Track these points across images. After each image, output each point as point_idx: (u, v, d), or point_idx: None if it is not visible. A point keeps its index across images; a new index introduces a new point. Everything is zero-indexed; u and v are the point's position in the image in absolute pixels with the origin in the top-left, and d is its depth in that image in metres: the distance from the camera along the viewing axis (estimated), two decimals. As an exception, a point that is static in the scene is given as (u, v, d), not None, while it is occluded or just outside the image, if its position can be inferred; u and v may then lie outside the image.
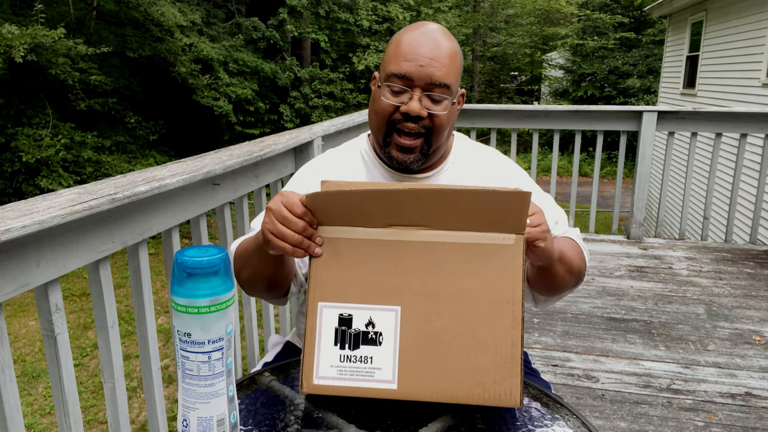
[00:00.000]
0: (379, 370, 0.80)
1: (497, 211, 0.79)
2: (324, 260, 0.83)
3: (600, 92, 17.11)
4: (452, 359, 0.79)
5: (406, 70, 1.00)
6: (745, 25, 7.57)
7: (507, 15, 19.65)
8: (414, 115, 1.01)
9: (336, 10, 13.21)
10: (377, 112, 1.05)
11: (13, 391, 1.02)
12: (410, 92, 1.01)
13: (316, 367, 0.81)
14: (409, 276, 0.81)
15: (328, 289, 0.82)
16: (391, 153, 1.06)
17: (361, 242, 0.82)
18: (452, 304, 0.80)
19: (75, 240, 1.13)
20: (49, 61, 8.47)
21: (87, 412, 4.67)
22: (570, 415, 0.85)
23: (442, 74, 1.01)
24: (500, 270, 0.80)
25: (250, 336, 1.98)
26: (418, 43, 1.02)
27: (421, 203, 0.80)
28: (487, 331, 0.79)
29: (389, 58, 1.04)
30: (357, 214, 0.82)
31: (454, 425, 0.81)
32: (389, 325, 0.80)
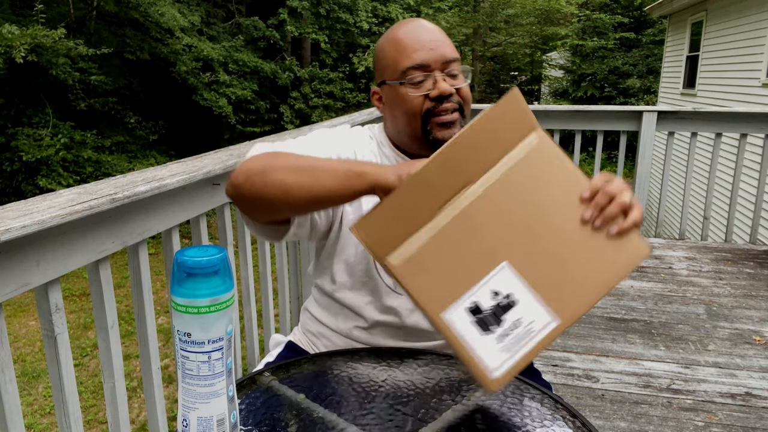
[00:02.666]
0: (534, 322, 0.77)
1: (505, 124, 0.79)
2: (415, 278, 0.78)
3: (600, 92, 17.11)
4: (577, 262, 0.79)
5: (422, 58, 1.03)
6: (745, 25, 7.57)
7: (507, 15, 19.64)
8: (447, 95, 1.03)
9: (336, 10, 13.21)
10: (408, 110, 1.04)
11: (13, 391, 1.02)
12: (432, 76, 1.03)
13: (484, 366, 0.77)
14: (490, 232, 0.79)
15: (437, 299, 0.78)
16: (435, 137, 1.05)
17: (432, 241, 0.79)
18: (540, 224, 0.79)
19: (75, 240, 1.13)
20: (49, 62, 8.47)
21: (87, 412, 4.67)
22: (570, 415, 0.85)
23: (451, 50, 1.05)
24: (550, 171, 0.80)
25: (250, 336, 1.98)
26: (416, 33, 1.05)
27: (448, 166, 0.79)
28: (579, 223, 0.79)
29: (395, 59, 1.05)
30: (408, 222, 0.79)
31: (454, 425, 0.81)
32: (510, 281, 0.78)
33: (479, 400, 0.88)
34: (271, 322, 2.06)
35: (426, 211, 0.79)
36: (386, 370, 0.97)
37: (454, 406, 0.86)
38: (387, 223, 0.79)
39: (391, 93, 1.07)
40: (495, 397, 0.89)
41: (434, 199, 0.79)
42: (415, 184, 0.79)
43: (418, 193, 0.79)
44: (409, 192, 0.79)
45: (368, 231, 0.79)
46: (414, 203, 0.79)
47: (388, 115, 1.12)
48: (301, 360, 1.03)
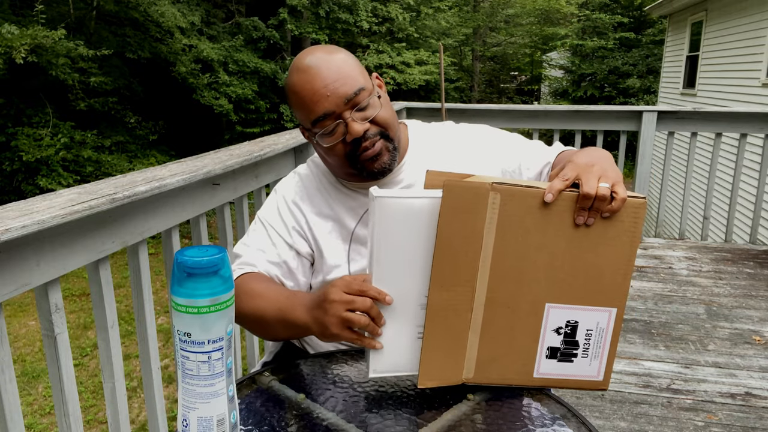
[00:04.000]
0: (599, 323, 0.85)
1: (461, 211, 0.80)
2: (492, 374, 0.86)
3: (600, 92, 17.10)
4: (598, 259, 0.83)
5: (322, 109, 1.00)
6: (745, 25, 7.57)
7: (507, 15, 19.65)
8: (361, 135, 1.01)
9: (336, 10, 13.21)
10: (331, 156, 1.05)
11: (13, 391, 1.02)
12: (342, 121, 1.01)
13: (590, 379, 0.87)
14: (520, 295, 0.84)
15: (522, 372, 0.86)
16: (369, 170, 1.05)
17: (483, 340, 0.85)
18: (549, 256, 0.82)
19: (75, 240, 1.13)
20: (49, 62, 8.47)
21: (87, 412, 4.67)
22: (570, 415, 0.85)
23: (349, 85, 1.00)
24: (525, 211, 0.82)
25: (250, 336, 1.98)
26: (309, 81, 1.00)
27: (447, 283, 0.82)
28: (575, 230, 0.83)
29: (300, 111, 1.03)
30: (453, 345, 0.84)
31: (454, 425, 0.81)
32: (560, 314, 0.84)
33: (479, 400, 0.88)
34: (271, 322, 2.06)
35: (458, 327, 0.83)
36: (386, 370, 0.96)
37: (454, 406, 0.86)
38: (440, 361, 0.84)
39: (312, 140, 1.07)
40: (495, 398, 0.89)
41: (458, 314, 0.82)
42: (434, 315, 0.82)
43: (442, 319, 0.82)
44: (436, 325, 0.82)
45: (432, 378, 0.84)
46: (446, 329, 0.82)
47: (318, 155, 1.12)
48: (301, 360, 1.03)
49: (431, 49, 15.12)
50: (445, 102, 3.83)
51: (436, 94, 14.88)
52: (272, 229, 1.11)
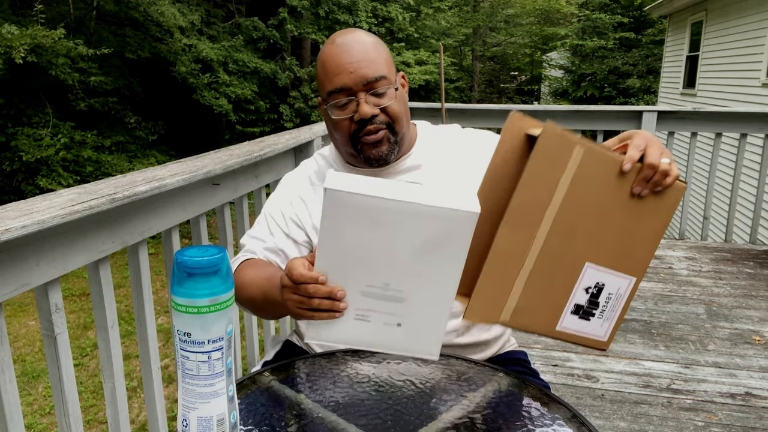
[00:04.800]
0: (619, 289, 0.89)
1: (550, 156, 0.84)
2: (524, 320, 0.87)
3: (600, 92, 17.11)
4: (636, 229, 0.87)
5: (341, 82, 1.04)
6: (745, 25, 7.57)
7: (507, 15, 19.65)
8: (368, 117, 1.04)
9: (336, 11, 13.21)
10: (338, 131, 1.09)
11: (13, 391, 1.02)
12: (355, 99, 1.05)
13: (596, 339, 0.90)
14: (568, 252, 0.86)
15: (547, 322, 0.89)
16: (367, 156, 1.09)
17: (526, 288, 0.86)
18: (601, 218, 0.86)
19: (75, 240, 1.13)
20: (49, 62, 8.47)
21: (87, 412, 4.67)
22: (570, 415, 0.85)
23: (374, 68, 1.04)
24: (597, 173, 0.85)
25: (250, 336, 1.98)
26: (338, 54, 1.05)
27: (516, 225, 0.83)
28: (628, 197, 0.87)
29: (321, 81, 1.08)
30: (503, 286, 0.86)
31: (454, 425, 0.81)
32: (594, 275, 0.87)
33: (479, 400, 0.88)
34: (271, 322, 2.06)
35: (512, 270, 0.85)
36: (386, 370, 0.97)
37: (453, 407, 0.86)
38: (487, 301, 0.85)
39: (324, 112, 1.11)
40: (495, 397, 0.89)
41: (514, 259, 0.84)
42: (496, 255, 0.83)
43: (500, 261, 0.83)
44: (494, 266, 0.83)
45: (476, 315, 0.85)
46: (501, 271, 0.84)
47: (327, 129, 1.15)
48: (301, 360, 1.03)
49: (431, 49, 15.13)
50: (445, 102, 3.83)
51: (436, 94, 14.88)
52: (272, 219, 1.16)
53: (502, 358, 1.18)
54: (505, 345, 1.22)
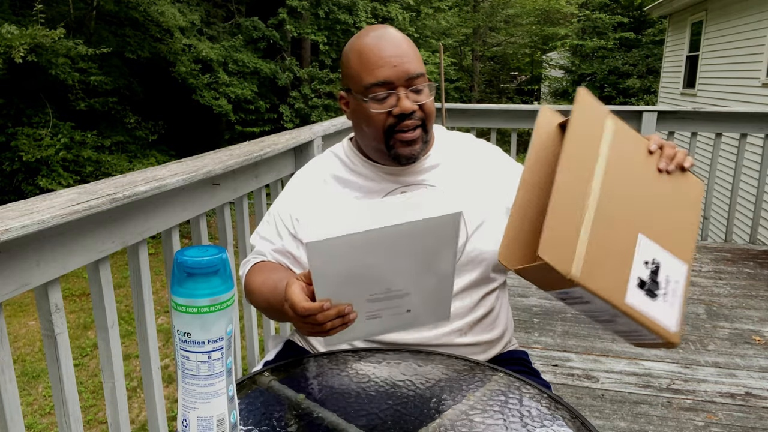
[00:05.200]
0: (675, 272, 0.88)
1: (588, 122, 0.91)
2: (595, 280, 0.85)
3: (600, 92, 17.10)
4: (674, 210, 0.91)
5: (384, 75, 1.03)
6: (745, 25, 7.57)
7: (507, 15, 19.65)
8: (409, 113, 1.04)
9: (335, 11, 13.21)
10: (371, 124, 1.07)
11: (13, 391, 1.02)
12: (395, 93, 1.04)
13: (666, 327, 0.87)
14: (620, 216, 0.88)
15: (615, 288, 0.86)
16: (398, 153, 1.08)
17: (590, 244, 0.86)
18: (643, 192, 0.91)
19: (75, 240, 1.13)
20: (48, 62, 8.47)
21: (87, 412, 4.67)
22: (570, 415, 0.85)
23: (415, 66, 1.05)
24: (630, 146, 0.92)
25: (250, 336, 1.98)
26: (380, 47, 1.04)
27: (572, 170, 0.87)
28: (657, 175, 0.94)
29: (359, 72, 1.06)
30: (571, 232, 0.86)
31: (454, 425, 0.81)
32: (649, 248, 0.87)
33: (479, 400, 0.88)
34: (271, 322, 2.06)
35: (577, 215, 0.86)
36: (386, 370, 0.97)
37: (454, 406, 0.86)
38: (557, 241, 0.84)
39: (356, 104, 1.09)
40: (495, 397, 0.89)
41: (576, 204, 0.86)
42: (559, 194, 0.84)
43: (563, 201, 0.85)
44: (558, 204, 0.84)
45: (549, 253, 0.83)
46: (566, 212, 0.85)
47: (354, 123, 1.14)
48: (301, 360, 1.03)
49: (431, 49, 15.12)
50: (445, 102, 3.83)
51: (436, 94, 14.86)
52: (280, 220, 1.16)
53: (502, 358, 1.18)
54: (506, 346, 1.22)
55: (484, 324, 1.13)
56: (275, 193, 2.14)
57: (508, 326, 1.21)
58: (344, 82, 1.11)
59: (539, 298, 2.91)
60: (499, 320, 1.17)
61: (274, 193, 2.14)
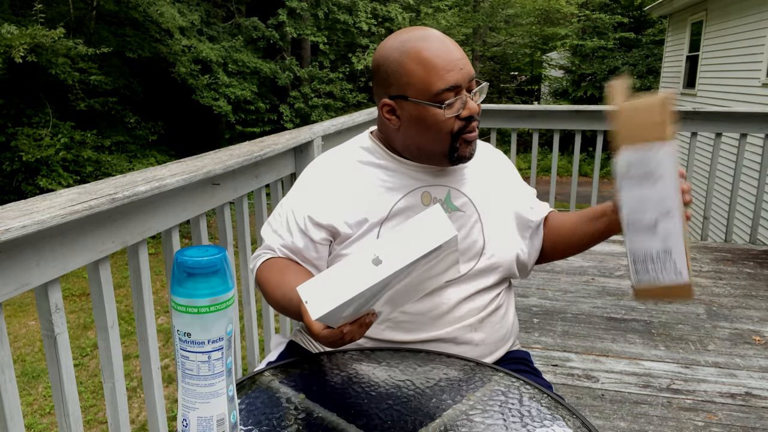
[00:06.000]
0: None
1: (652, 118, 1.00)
2: None
3: (600, 92, 17.11)
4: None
5: (454, 79, 1.02)
6: (745, 25, 7.57)
7: (507, 15, 19.63)
8: (477, 115, 1.07)
9: (335, 11, 13.20)
10: (439, 130, 1.05)
11: (13, 391, 1.02)
12: (461, 97, 1.04)
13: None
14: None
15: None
16: (461, 154, 1.09)
17: None
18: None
19: (75, 240, 1.13)
20: (48, 62, 8.47)
21: (87, 412, 4.67)
22: (570, 415, 0.85)
23: (470, 67, 1.06)
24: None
25: (250, 336, 1.98)
26: (444, 51, 1.03)
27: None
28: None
29: (426, 78, 1.03)
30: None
31: (454, 425, 0.81)
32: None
33: (479, 400, 0.88)
34: (271, 322, 2.06)
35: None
36: (386, 370, 0.97)
37: (454, 406, 0.86)
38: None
39: (416, 111, 1.05)
40: (495, 397, 0.89)
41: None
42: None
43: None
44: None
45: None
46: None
47: (403, 130, 1.09)
48: (302, 360, 1.03)
49: (431, 49, 15.08)
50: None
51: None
52: (291, 215, 1.14)
53: (505, 358, 1.19)
54: (512, 346, 1.22)
55: (494, 321, 1.14)
56: (275, 193, 2.14)
57: (514, 325, 1.22)
58: (394, 89, 1.06)
59: (539, 298, 2.91)
60: (506, 319, 1.18)
61: (274, 193, 2.14)
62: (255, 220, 2.01)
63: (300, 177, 1.22)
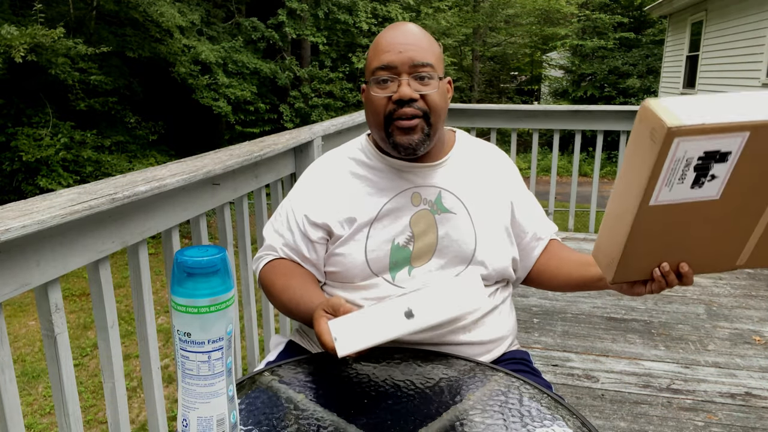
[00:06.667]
0: None
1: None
2: None
3: (600, 92, 17.10)
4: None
5: (388, 59, 1.06)
6: (745, 25, 7.58)
7: (507, 15, 19.63)
8: (407, 99, 1.05)
9: (335, 11, 13.20)
10: (373, 110, 1.09)
11: (13, 391, 1.02)
12: (398, 79, 1.06)
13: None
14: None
15: None
16: (395, 141, 1.08)
17: None
18: None
19: (75, 240, 1.13)
20: (48, 61, 8.47)
21: (87, 412, 4.67)
22: (570, 415, 0.85)
23: (422, 55, 1.06)
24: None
25: (250, 336, 1.98)
26: (393, 35, 1.08)
27: None
28: None
29: (371, 59, 1.09)
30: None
31: (454, 425, 0.81)
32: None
33: (479, 400, 0.88)
34: (271, 322, 2.06)
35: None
36: (386, 370, 0.97)
37: (454, 406, 0.86)
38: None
39: (366, 92, 1.12)
40: (495, 397, 0.89)
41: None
42: None
43: None
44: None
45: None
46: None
47: (365, 113, 1.16)
48: (302, 360, 1.03)
49: (431, 49, 15.09)
50: (445, 102, 3.82)
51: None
52: (292, 214, 1.17)
53: (503, 358, 1.18)
54: (509, 347, 1.22)
55: (488, 322, 1.13)
56: (275, 193, 2.14)
57: (511, 327, 1.21)
58: (365, 74, 1.14)
59: (539, 298, 2.91)
60: (502, 320, 1.17)
61: (274, 193, 2.14)
62: (255, 220, 2.01)
63: (300, 177, 1.24)
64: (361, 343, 0.82)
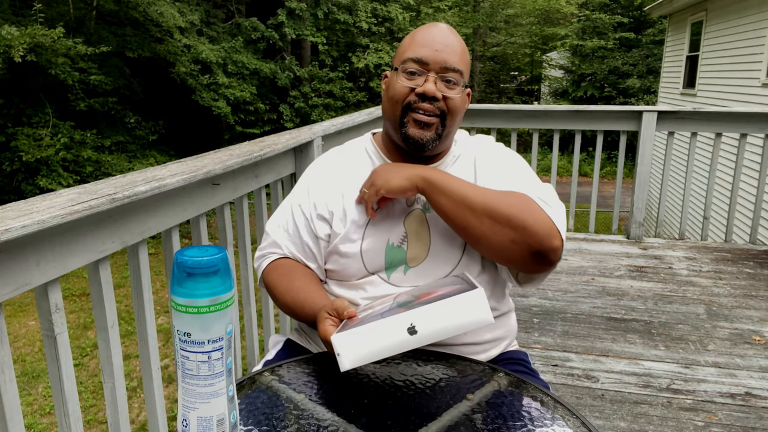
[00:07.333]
0: None
1: None
2: None
3: (600, 92, 17.11)
4: None
5: (422, 54, 1.07)
6: (745, 25, 7.57)
7: (507, 15, 19.64)
8: (430, 96, 1.07)
9: (335, 11, 13.20)
10: (393, 96, 1.11)
11: (13, 391, 1.02)
12: (426, 75, 1.08)
13: None
14: None
15: None
16: (408, 132, 1.09)
17: None
18: None
19: (75, 240, 1.13)
20: (48, 61, 8.47)
21: (87, 412, 4.67)
22: (570, 415, 0.85)
23: (455, 60, 1.08)
24: None
25: (250, 336, 1.98)
26: (432, 33, 1.09)
27: None
28: None
29: (405, 48, 1.11)
30: None
31: (454, 425, 0.81)
32: None
33: (479, 400, 0.88)
34: (271, 322, 2.06)
35: None
36: (386, 370, 0.97)
37: (454, 406, 0.86)
38: None
39: (390, 77, 1.14)
40: (495, 398, 0.89)
41: None
42: None
43: None
44: None
45: None
46: None
47: (383, 98, 1.17)
48: (301, 360, 1.03)
49: (431, 49, 15.08)
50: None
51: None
52: (299, 209, 1.17)
53: (502, 358, 1.18)
54: (507, 347, 1.21)
55: None
56: (275, 193, 2.14)
57: (510, 327, 1.20)
58: (393, 61, 1.15)
59: (539, 298, 2.91)
60: (501, 320, 1.17)
61: (274, 193, 2.14)
62: (255, 220, 2.01)
63: (303, 174, 1.24)
64: (363, 360, 0.84)
